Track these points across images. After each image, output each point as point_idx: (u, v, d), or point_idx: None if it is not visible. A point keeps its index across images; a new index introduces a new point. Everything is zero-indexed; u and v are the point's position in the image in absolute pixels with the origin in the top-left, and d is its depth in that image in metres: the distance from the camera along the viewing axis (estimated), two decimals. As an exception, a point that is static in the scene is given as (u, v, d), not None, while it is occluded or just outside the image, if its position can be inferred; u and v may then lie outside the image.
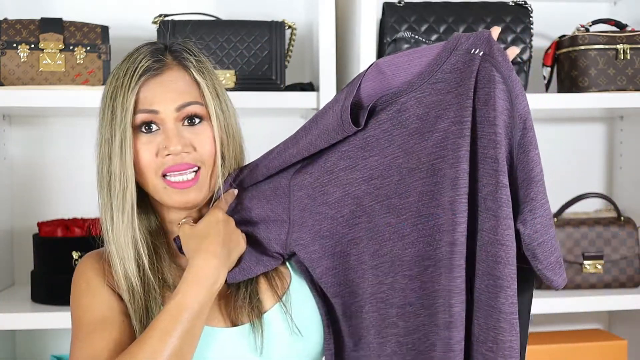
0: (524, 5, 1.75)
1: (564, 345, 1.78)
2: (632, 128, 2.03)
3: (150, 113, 1.05)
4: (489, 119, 0.89)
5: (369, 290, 0.97)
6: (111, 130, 1.05)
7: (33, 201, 1.88)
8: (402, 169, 0.95)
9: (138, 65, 1.07)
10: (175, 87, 1.07)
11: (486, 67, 0.92)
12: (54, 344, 1.90)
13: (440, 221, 0.91)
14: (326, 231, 1.01)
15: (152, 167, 1.05)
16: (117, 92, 1.06)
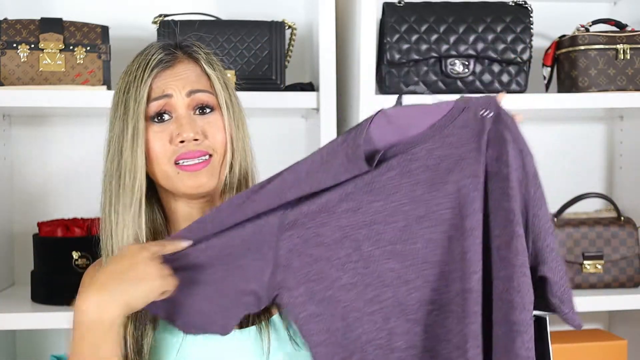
0: (524, 5, 1.75)
1: (564, 345, 1.77)
2: (632, 128, 2.03)
3: (163, 99, 1.07)
4: (502, 174, 0.95)
5: (363, 338, 0.95)
6: (123, 124, 1.07)
7: (33, 201, 1.88)
8: (408, 216, 0.96)
9: (150, 58, 1.09)
10: (186, 76, 1.09)
11: (496, 127, 0.99)
12: (54, 344, 1.90)
13: (448, 268, 0.94)
14: (315, 275, 0.96)
15: (165, 155, 1.07)
16: (129, 85, 1.08)
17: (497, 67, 1.73)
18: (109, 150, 1.10)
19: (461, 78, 1.72)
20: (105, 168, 1.11)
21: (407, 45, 1.71)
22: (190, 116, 1.08)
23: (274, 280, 0.98)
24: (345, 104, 1.80)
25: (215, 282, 0.98)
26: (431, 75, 1.72)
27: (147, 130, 1.07)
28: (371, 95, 1.67)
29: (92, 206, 1.86)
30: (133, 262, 0.95)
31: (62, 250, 1.63)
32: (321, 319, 0.95)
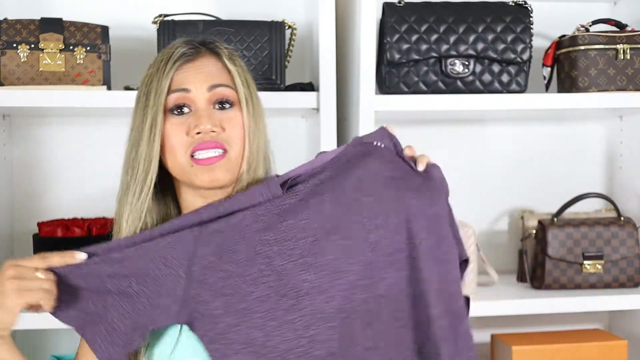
0: (524, 5, 1.75)
1: (564, 345, 1.78)
2: (632, 128, 2.03)
3: (182, 92, 1.08)
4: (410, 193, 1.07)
5: (281, 346, 0.98)
6: (143, 115, 1.09)
7: (33, 201, 1.88)
8: (317, 232, 1.03)
9: (174, 52, 1.11)
10: (208, 70, 1.11)
11: (388, 149, 1.11)
12: (54, 344, 1.90)
13: (355, 277, 1.01)
14: (229, 289, 1.01)
15: (181, 146, 1.07)
16: (152, 77, 1.10)
17: (497, 67, 1.73)
18: (129, 141, 1.12)
19: (461, 78, 1.72)
20: (124, 159, 1.13)
21: (407, 45, 1.71)
22: (210, 109, 1.09)
23: (188, 294, 1.01)
24: (345, 104, 1.80)
25: (129, 295, 1.02)
26: (431, 75, 1.72)
27: (165, 122, 1.08)
28: (371, 95, 1.67)
29: (92, 206, 1.88)
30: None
31: (62, 250, 1.63)
32: (239, 330, 0.99)
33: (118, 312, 1.02)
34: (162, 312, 1.01)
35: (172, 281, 1.02)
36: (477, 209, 2.04)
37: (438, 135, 2.03)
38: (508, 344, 1.78)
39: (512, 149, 2.06)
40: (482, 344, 1.99)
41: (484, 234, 2.05)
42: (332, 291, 1.01)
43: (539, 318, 2.03)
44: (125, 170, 1.11)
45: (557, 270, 1.80)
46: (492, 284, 1.86)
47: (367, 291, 1.02)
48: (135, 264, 1.02)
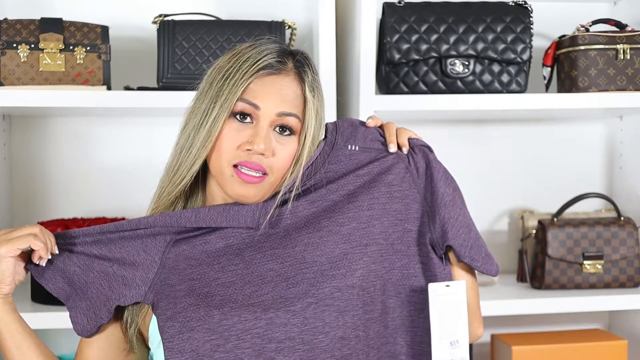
0: (524, 5, 1.75)
1: (564, 345, 1.78)
2: (632, 128, 2.03)
3: (251, 106, 1.07)
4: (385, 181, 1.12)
5: (238, 326, 1.02)
6: (211, 106, 1.07)
7: (33, 201, 1.88)
8: (289, 228, 1.09)
9: (262, 57, 1.08)
10: (285, 93, 1.08)
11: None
12: (54, 344, 1.90)
13: (323, 267, 1.05)
14: (197, 275, 1.07)
15: (228, 154, 1.07)
16: (232, 74, 1.07)
17: (497, 67, 1.73)
18: (188, 118, 1.11)
19: (461, 78, 1.72)
20: (180, 134, 1.12)
21: (407, 45, 1.71)
22: (269, 132, 1.08)
23: (158, 278, 1.09)
24: (345, 104, 1.80)
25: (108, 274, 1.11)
26: (431, 75, 1.72)
27: (225, 121, 1.07)
28: (371, 95, 1.67)
29: (92, 206, 1.88)
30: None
31: (62, 250, 1.63)
32: (198, 308, 1.04)
33: (97, 290, 1.11)
34: (132, 290, 1.09)
35: (148, 266, 1.10)
36: (477, 209, 2.04)
37: (438, 135, 2.03)
38: (508, 344, 1.78)
39: (512, 149, 2.06)
40: (482, 344, 1.99)
41: (484, 234, 2.05)
42: (296, 278, 1.05)
43: (539, 318, 2.03)
44: (178, 150, 1.11)
45: (557, 270, 1.80)
46: (492, 284, 1.86)
47: (337, 280, 1.04)
48: (121, 248, 1.11)
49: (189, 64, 1.64)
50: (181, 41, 1.65)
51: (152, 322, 1.12)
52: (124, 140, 1.91)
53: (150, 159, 1.89)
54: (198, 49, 1.64)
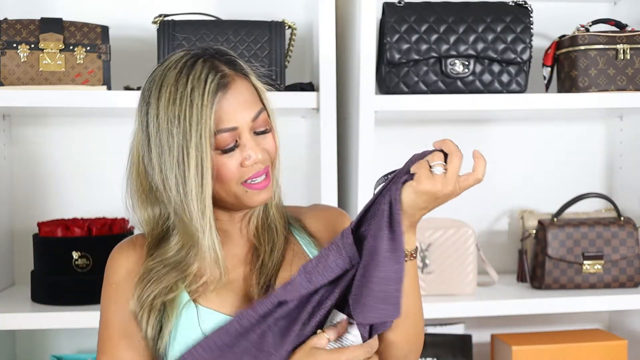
0: (524, 5, 1.75)
1: (564, 345, 1.78)
2: (632, 128, 2.03)
3: (230, 132, 1.08)
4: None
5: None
6: (184, 152, 1.06)
7: (33, 201, 1.88)
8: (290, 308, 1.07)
9: (207, 83, 1.07)
10: (244, 99, 1.10)
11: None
12: (54, 344, 1.90)
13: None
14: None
15: (234, 178, 1.09)
16: (186, 112, 1.05)
17: (497, 67, 1.73)
18: (162, 169, 1.09)
19: (461, 78, 1.72)
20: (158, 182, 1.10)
21: (407, 45, 1.71)
22: (254, 138, 1.11)
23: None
24: (345, 104, 1.80)
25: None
26: (431, 75, 1.72)
27: (213, 158, 1.08)
28: (371, 95, 1.67)
29: (92, 206, 1.88)
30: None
31: (62, 250, 1.63)
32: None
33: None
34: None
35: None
36: (477, 209, 2.04)
37: (438, 136, 2.01)
38: (508, 344, 1.78)
39: (512, 149, 2.06)
40: (482, 344, 1.99)
41: (484, 234, 2.05)
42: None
43: (539, 318, 2.03)
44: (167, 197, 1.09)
45: (557, 270, 1.80)
46: (492, 284, 1.86)
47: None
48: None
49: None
50: (181, 41, 1.65)
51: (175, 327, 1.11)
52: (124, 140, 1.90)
53: (150, 159, 1.88)
54: (198, 49, 1.64)
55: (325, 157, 1.67)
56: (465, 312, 1.72)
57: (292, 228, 1.23)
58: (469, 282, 1.77)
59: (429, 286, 1.76)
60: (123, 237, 1.67)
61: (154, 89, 1.10)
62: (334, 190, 1.68)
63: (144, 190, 1.15)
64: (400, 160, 2.07)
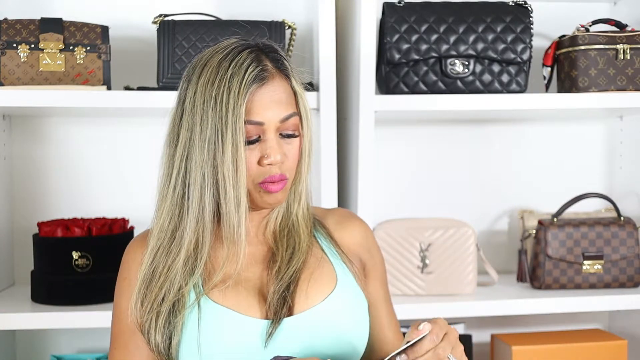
0: (524, 5, 1.75)
1: (564, 345, 1.78)
2: (632, 128, 2.03)
3: (256, 125, 1.09)
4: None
5: None
6: (219, 137, 1.07)
7: (33, 201, 1.88)
8: None
9: (246, 72, 1.08)
10: (279, 97, 1.11)
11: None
12: (54, 344, 1.90)
13: None
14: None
15: (252, 175, 1.10)
16: (224, 97, 1.07)
17: (497, 67, 1.73)
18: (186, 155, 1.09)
19: (461, 78, 1.72)
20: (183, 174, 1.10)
21: (407, 45, 1.71)
22: (278, 140, 1.11)
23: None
24: (345, 104, 1.80)
25: None
26: (431, 75, 1.72)
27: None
28: (371, 95, 1.67)
29: (92, 206, 1.88)
30: None
31: (62, 250, 1.63)
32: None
33: None
34: None
35: None
36: (477, 209, 2.04)
37: (438, 136, 2.03)
38: (508, 344, 1.78)
39: (512, 149, 2.06)
40: (482, 344, 1.99)
41: (484, 234, 2.05)
42: None
43: (539, 318, 2.03)
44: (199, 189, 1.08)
45: (557, 270, 1.80)
46: (492, 284, 1.86)
47: None
48: None
49: (188, 64, 1.64)
50: (181, 41, 1.65)
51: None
52: (124, 140, 1.91)
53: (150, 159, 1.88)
54: (198, 49, 1.63)
55: (325, 157, 1.67)
56: (465, 312, 1.72)
57: (318, 235, 1.21)
58: (469, 282, 1.77)
59: (429, 286, 1.77)
60: (123, 237, 1.69)
61: (198, 67, 1.12)
62: (334, 190, 1.68)
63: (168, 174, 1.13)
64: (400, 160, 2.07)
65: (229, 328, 1.08)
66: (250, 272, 1.15)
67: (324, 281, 1.14)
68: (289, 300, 1.10)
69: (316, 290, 1.13)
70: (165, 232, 1.12)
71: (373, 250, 1.26)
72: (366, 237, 1.25)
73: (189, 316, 1.09)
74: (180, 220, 1.11)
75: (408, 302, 1.70)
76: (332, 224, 1.24)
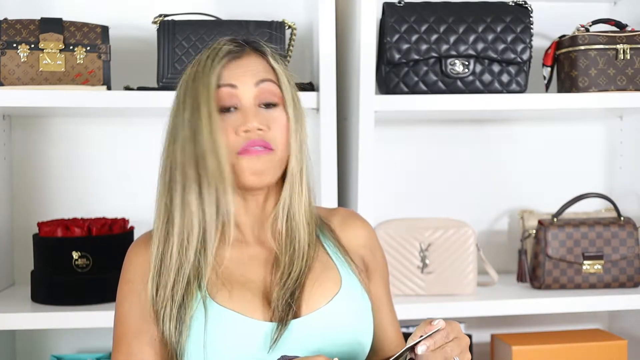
0: (524, 5, 1.75)
1: (564, 345, 1.78)
2: (632, 128, 2.03)
3: (229, 87, 1.09)
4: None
5: None
6: (193, 109, 1.08)
7: (33, 201, 1.88)
8: None
9: (220, 49, 1.12)
10: (254, 67, 1.12)
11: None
12: (54, 344, 1.90)
13: None
14: None
15: (229, 146, 1.08)
16: (198, 74, 1.10)
17: (497, 67, 1.73)
18: (173, 139, 1.10)
19: (461, 78, 1.72)
20: (171, 157, 1.10)
21: (407, 45, 1.71)
22: (256, 108, 1.10)
23: None
24: (345, 104, 1.80)
25: None
26: (431, 75, 1.72)
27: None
28: (371, 95, 1.67)
29: (92, 206, 1.88)
30: None
31: (62, 250, 1.63)
32: None
33: None
34: None
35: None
36: (477, 209, 2.04)
37: (438, 136, 2.03)
38: (508, 344, 1.78)
39: (512, 149, 2.06)
40: (482, 344, 1.99)
41: (484, 234, 2.05)
42: None
43: (539, 318, 2.03)
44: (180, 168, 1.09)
45: (557, 270, 1.80)
46: (492, 284, 1.86)
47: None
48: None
49: (189, 64, 1.64)
50: (181, 41, 1.65)
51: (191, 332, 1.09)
52: (124, 140, 1.91)
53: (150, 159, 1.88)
54: (198, 49, 1.63)
55: (325, 157, 1.67)
56: (465, 312, 1.72)
57: (322, 236, 1.20)
58: (469, 282, 1.77)
59: (429, 286, 1.77)
60: (123, 237, 1.69)
61: (189, 66, 1.15)
62: (334, 190, 1.68)
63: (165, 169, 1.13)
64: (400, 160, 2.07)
65: (234, 331, 1.07)
66: (255, 274, 1.14)
67: (329, 283, 1.13)
68: (294, 305, 1.08)
69: (321, 292, 1.12)
70: (160, 221, 1.12)
71: (376, 251, 1.25)
72: (369, 237, 1.24)
73: (194, 315, 1.08)
74: (171, 203, 1.10)
75: (408, 302, 1.70)
76: (336, 225, 1.22)
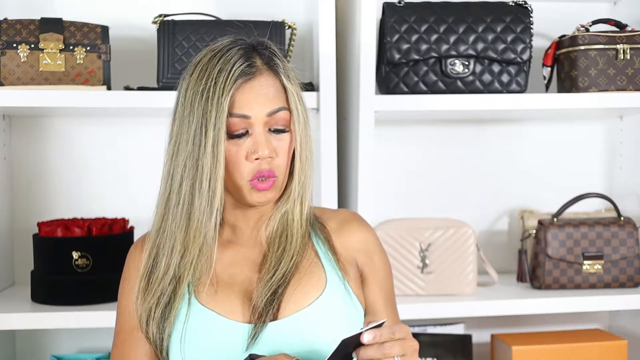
0: (524, 5, 1.75)
1: (564, 345, 1.78)
2: (632, 128, 2.03)
3: (241, 118, 1.09)
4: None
5: None
6: (203, 130, 1.08)
7: (33, 201, 1.88)
8: None
9: (233, 67, 1.09)
10: (267, 92, 1.11)
11: None
12: (54, 344, 1.90)
13: None
14: None
15: (241, 171, 1.10)
16: (210, 91, 1.08)
17: (497, 67, 1.73)
18: (177, 148, 1.11)
19: (461, 78, 1.72)
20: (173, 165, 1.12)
21: (407, 45, 1.71)
22: (266, 134, 1.11)
23: None
24: (345, 104, 1.80)
25: None
26: (431, 75, 1.72)
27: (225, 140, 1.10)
28: (371, 95, 1.67)
29: (92, 206, 1.88)
30: None
31: (62, 250, 1.63)
32: None
33: None
34: None
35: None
36: (477, 209, 2.04)
37: (438, 136, 2.03)
38: (508, 344, 1.78)
39: (512, 149, 2.06)
40: (482, 344, 1.99)
41: (484, 234, 2.05)
42: None
43: (539, 318, 2.03)
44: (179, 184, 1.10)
45: (557, 270, 1.80)
46: (492, 284, 1.86)
47: None
48: None
49: (189, 64, 1.64)
50: (181, 41, 1.65)
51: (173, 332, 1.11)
52: (124, 140, 1.91)
53: (150, 159, 1.89)
54: (198, 49, 1.63)
55: (325, 157, 1.67)
56: (465, 312, 1.72)
57: (316, 238, 1.20)
58: (469, 282, 1.77)
59: (429, 286, 1.77)
60: (123, 237, 1.69)
61: (192, 65, 1.13)
62: (334, 190, 1.68)
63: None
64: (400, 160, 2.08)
65: (211, 331, 1.08)
66: (244, 274, 1.14)
67: (312, 286, 1.13)
68: (275, 305, 1.09)
69: (303, 295, 1.11)
70: (158, 225, 1.14)
71: (373, 255, 1.23)
72: (366, 241, 1.22)
73: (177, 315, 1.11)
74: (167, 211, 1.12)
75: (408, 302, 1.70)
76: (333, 227, 1.22)
